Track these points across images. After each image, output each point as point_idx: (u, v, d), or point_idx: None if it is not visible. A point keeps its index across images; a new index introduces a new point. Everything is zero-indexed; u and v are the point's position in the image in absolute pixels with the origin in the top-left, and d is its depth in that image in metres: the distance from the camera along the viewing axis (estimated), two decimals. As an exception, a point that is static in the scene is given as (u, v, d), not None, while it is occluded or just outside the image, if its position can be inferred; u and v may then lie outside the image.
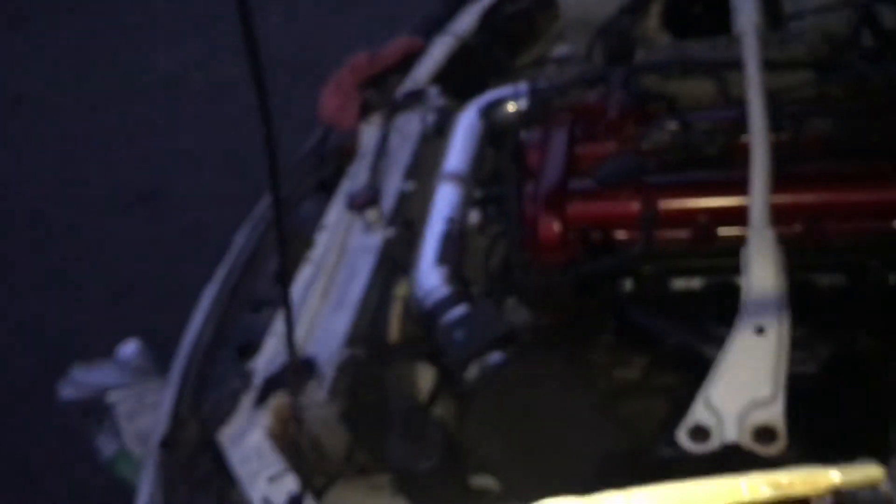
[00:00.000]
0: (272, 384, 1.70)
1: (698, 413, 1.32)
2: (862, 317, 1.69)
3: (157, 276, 4.34)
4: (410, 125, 2.33)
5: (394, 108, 2.40)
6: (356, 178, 2.21)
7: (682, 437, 1.30)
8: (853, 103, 1.83)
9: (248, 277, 2.09)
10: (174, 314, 2.20)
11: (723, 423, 1.29)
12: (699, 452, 1.28)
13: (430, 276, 1.75)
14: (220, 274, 2.09)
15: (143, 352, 2.45)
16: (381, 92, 2.49)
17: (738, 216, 1.62)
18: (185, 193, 4.88)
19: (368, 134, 2.38)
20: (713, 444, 1.28)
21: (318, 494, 1.58)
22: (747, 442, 1.27)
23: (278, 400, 1.70)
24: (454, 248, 1.83)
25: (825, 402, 1.65)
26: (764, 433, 1.27)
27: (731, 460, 1.28)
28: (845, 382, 1.69)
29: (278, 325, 1.87)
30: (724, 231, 1.74)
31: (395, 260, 1.93)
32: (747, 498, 0.49)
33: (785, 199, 1.65)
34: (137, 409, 2.42)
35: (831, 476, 0.44)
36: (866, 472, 0.43)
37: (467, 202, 1.96)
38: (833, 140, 1.78)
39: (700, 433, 1.29)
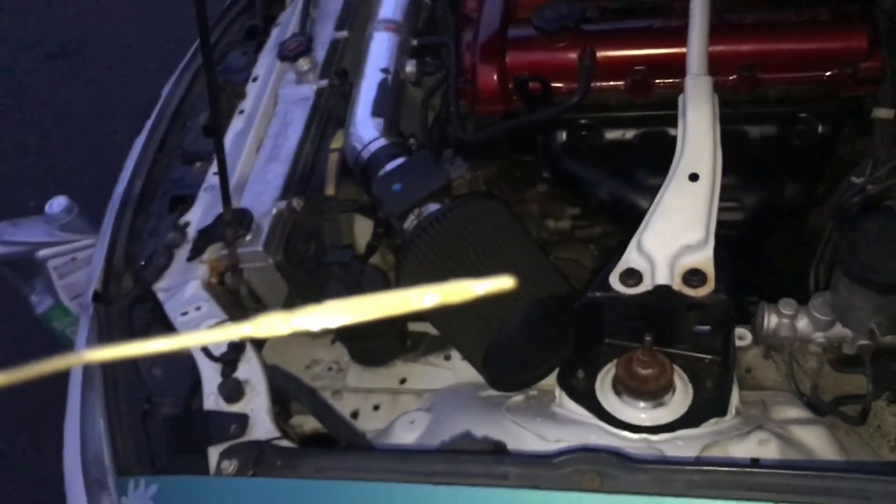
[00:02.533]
0: (207, 236, 1.68)
1: (631, 257, 1.35)
2: (790, 166, 1.74)
3: (83, 130, 4.18)
4: (343, -30, 2.23)
5: (325, -47, 2.29)
6: (286, 26, 2.12)
7: (615, 280, 1.33)
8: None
9: (177, 130, 2.02)
10: (102, 170, 2.13)
11: (654, 267, 1.33)
12: (630, 294, 1.32)
13: (366, 128, 1.72)
14: (149, 127, 2.02)
15: (72, 208, 2.39)
16: (310, -65, 2.35)
17: (675, 66, 1.62)
18: (107, 47, 4.65)
19: (299, -22, 2.27)
20: (644, 286, 1.32)
21: (258, 344, 1.60)
22: (678, 284, 1.31)
23: (213, 252, 1.69)
24: (390, 98, 1.79)
25: (751, 247, 1.72)
26: (694, 276, 1.30)
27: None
28: (770, 229, 1.76)
29: (211, 178, 1.83)
30: (661, 81, 1.74)
31: (330, 111, 1.89)
32: (416, 306, 0.52)
33: (721, 48, 1.65)
34: (69, 264, 2.38)
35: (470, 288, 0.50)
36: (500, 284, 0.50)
37: (403, 52, 1.90)
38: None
39: (632, 276, 1.33)
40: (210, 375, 1.43)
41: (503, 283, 0.52)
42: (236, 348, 1.47)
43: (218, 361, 1.45)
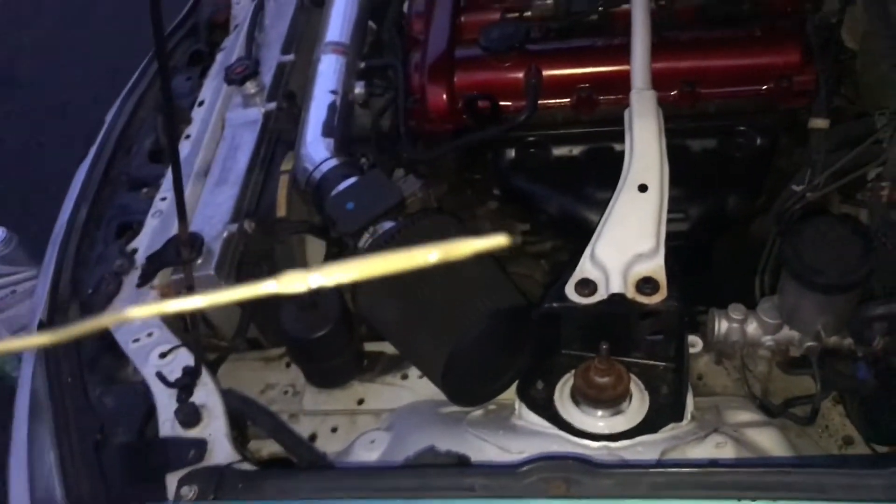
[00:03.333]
0: (156, 262, 1.66)
1: (585, 267, 1.37)
2: (731, 177, 1.79)
3: (20, 160, 4.08)
4: (287, -6, 2.23)
5: (268, -23, 2.30)
6: (232, 50, 2.12)
7: (570, 291, 1.35)
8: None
9: (122, 156, 1.99)
10: (41, 200, 2.08)
11: (608, 276, 1.35)
12: (586, 304, 1.34)
13: (316, 149, 1.72)
14: (92, 153, 1.98)
15: (10, 239, 2.33)
16: (253, -40, 2.36)
17: (619, 82, 1.66)
18: (45, 75, 4.56)
19: (241, 4, 2.27)
20: (599, 295, 1.34)
21: (212, 369, 1.58)
22: (631, 293, 1.33)
23: (164, 278, 1.66)
24: (340, 119, 1.80)
25: (699, 256, 1.77)
26: (646, 284, 1.33)
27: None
28: (716, 238, 1.81)
29: (158, 204, 1.81)
30: (606, 97, 1.78)
31: (279, 133, 1.88)
32: (421, 262, 0.55)
33: (662, 65, 1.69)
34: (9, 297, 2.32)
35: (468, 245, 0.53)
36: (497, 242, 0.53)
37: (351, 74, 1.91)
38: (706, 7, 1.83)
39: (587, 286, 1.35)
40: (165, 401, 1.41)
41: (499, 241, 0.53)
42: (191, 373, 1.45)
43: (173, 387, 1.42)
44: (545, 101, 1.79)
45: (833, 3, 1.90)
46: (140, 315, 0.54)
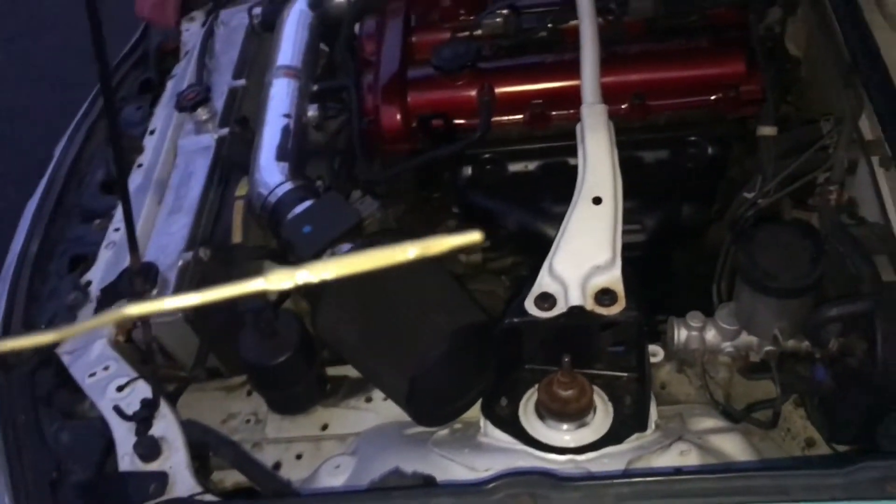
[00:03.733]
0: (111, 294, 1.63)
1: (544, 281, 1.37)
2: (685, 187, 1.81)
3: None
4: (236, 20, 2.23)
5: (217, 3, 2.29)
6: (182, 77, 2.10)
7: (530, 305, 1.35)
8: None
9: (73, 188, 1.96)
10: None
11: (567, 289, 1.36)
12: (546, 318, 1.34)
13: (271, 173, 1.70)
14: (43, 186, 1.95)
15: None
16: (202, -14, 2.35)
17: (570, 97, 1.68)
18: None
19: (191, 31, 2.26)
20: (559, 309, 1.34)
21: (172, 400, 1.55)
22: (590, 305, 1.34)
23: (119, 309, 1.63)
24: (294, 143, 1.79)
25: (656, 265, 1.78)
26: (605, 296, 1.34)
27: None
28: (671, 248, 1.83)
29: (111, 235, 1.79)
30: (558, 112, 1.80)
31: (232, 159, 1.87)
32: (401, 258, 0.56)
33: (611, 79, 1.71)
34: (-40, 336, 2.26)
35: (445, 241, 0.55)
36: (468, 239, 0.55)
37: (304, 97, 1.91)
38: (653, 21, 1.86)
39: (546, 300, 1.35)
40: (123, 435, 1.38)
41: (472, 237, 0.54)
42: (149, 405, 1.42)
43: (131, 420, 1.39)
44: (499, 118, 1.80)
45: (776, 13, 1.94)
46: (138, 313, 0.53)
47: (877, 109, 1.52)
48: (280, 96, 1.87)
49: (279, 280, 0.53)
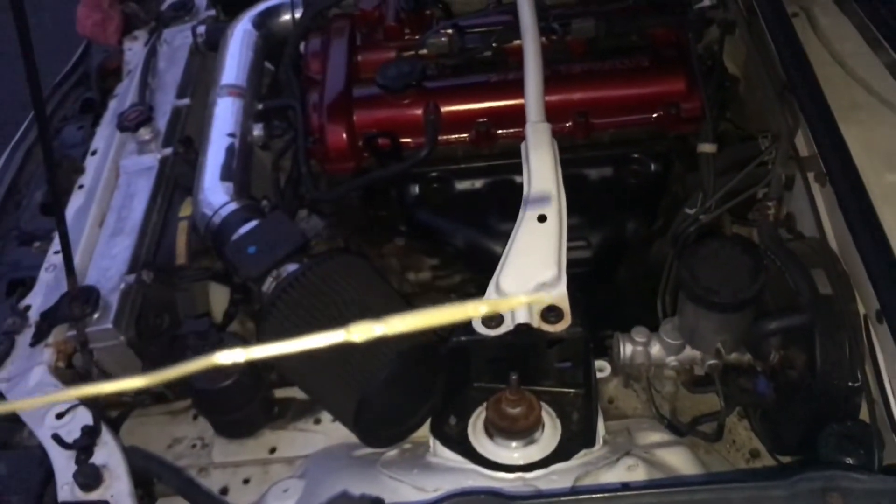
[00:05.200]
0: (51, 318, 1.59)
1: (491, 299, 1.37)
2: (628, 203, 1.84)
3: None
4: (179, 39, 2.21)
5: (160, 22, 2.26)
6: (124, 97, 2.07)
7: (477, 324, 1.35)
8: (612, 5, 1.94)
9: (11, 210, 1.91)
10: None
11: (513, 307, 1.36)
12: (493, 336, 1.34)
13: (215, 193, 1.69)
14: (-22, 208, 1.90)
15: None
16: (144, 5, 2.33)
17: (515, 116, 1.69)
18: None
19: (134, 50, 2.23)
20: (506, 326, 1.34)
21: (115, 426, 1.52)
22: (537, 322, 1.34)
23: (59, 334, 1.60)
24: (239, 162, 1.77)
25: (601, 281, 1.80)
26: (551, 313, 1.34)
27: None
28: (616, 264, 1.85)
29: (52, 258, 1.75)
30: (503, 131, 1.81)
31: (176, 179, 1.85)
32: (472, 314, 0.56)
33: (555, 98, 1.73)
34: None
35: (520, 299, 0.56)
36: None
37: (248, 116, 1.89)
38: (595, 40, 1.89)
39: (493, 318, 1.35)
40: (63, 464, 1.34)
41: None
42: (90, 432, 1.39)
43: (71, 448, 1.36)
44: (445, 137, 1.80)
45: (714, 32, 1.99)
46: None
47: (811, 127, 1.56)
48: (224, 115, 1.86)
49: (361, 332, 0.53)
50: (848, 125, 1.50)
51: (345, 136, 1.79)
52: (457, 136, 1.82)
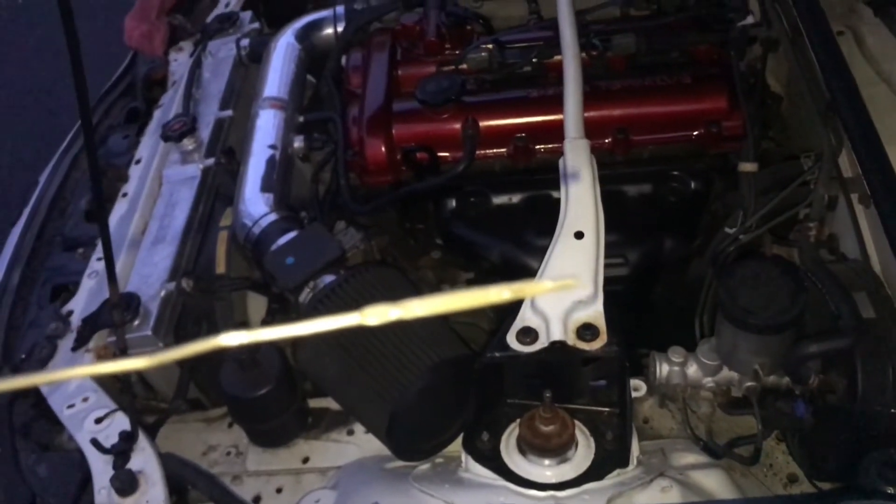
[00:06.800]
0: (92, 324, 1.62)
1: (526, 316, 1.37)
2: (667, 221, 1.82)
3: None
4: (224, 51, 2.24)
5: (205, 34, 2.30)
6: (169, 107, 2.11)
7: (512, 340, 1.35)
8: (653, 21, 1.94)
9: (56, 217, 1.95)
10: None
11: (549, 324, 1.35)
12: (528, 352, 1.34)
13: (255, 204, 1.71)
14: (26, 214, 1.94)
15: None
16: (190, 17, 2.37)
17: (553, 132, 1.69)
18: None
19: (179, 61, 2.27)
20: (540, 343, 1.34)
21: (152, 432, 1.54)
22: (572, 339, 1.33)
23: (100, 340, 1.63)
24: (279, 174, 1.80)
25: (638, 299, 1.79)
26: (587, 331, 1.34)
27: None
28: (654, 282, 1.84)
29: (94, 264, 1.78)
30: (541, 146, 1.81)
31: (217, 189, 1.87)
32: (494, 300, 0.55)
33: (595, 114, 1.73)
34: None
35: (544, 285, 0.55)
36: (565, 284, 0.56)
37: (290, 128, 1.92)
38: (636, 56, 1.88)
39: (528, 334, 1.35)
40: (101, 468, 1.37)
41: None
42: (128, 438, 1.41)
43: (109, 453, 1.38)
44: (483, 151, 1.81)
45: (757, 50, 1.97)
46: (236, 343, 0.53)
47: (854, 147, 1.54)
48: (266, 127, 1.88)
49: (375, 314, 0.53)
50: (893, 146, 1.48)
51: (383, 149, 1.81)
52: (495, 150, 1.83)
